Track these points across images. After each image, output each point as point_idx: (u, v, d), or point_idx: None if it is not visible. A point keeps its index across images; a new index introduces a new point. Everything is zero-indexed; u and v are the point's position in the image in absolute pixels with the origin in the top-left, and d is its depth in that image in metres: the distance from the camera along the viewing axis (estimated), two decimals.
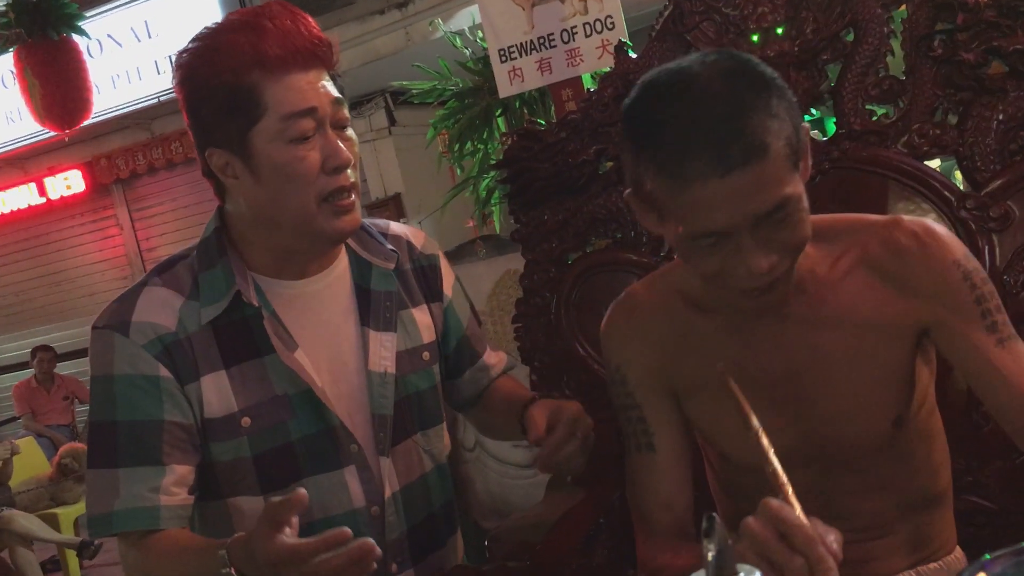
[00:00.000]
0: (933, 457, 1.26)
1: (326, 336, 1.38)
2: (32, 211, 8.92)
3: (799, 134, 1.05)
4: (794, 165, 1.04)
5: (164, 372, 1.28)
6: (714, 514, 0.62)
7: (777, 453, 1.19)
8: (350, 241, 1.42)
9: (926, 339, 1.19)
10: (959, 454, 1.33)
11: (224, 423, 1.30)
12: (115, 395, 1.27)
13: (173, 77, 1.29)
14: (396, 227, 1.52)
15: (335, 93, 1.28)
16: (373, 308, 1.40)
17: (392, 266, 1.43)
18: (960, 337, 1.16)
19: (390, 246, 1.44)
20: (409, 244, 1.50)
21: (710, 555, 0.62)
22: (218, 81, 1.24)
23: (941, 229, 1.19)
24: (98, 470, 1.27)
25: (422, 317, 1.47)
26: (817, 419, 1.18)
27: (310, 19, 1.29)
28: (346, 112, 1.30)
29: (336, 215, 1.29)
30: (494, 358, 1.58)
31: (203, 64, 1.26)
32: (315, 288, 1.38)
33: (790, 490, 0.94)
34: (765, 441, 0.99)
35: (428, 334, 1.47)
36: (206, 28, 1.28)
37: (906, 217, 1.20)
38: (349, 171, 1.29)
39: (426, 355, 1.46)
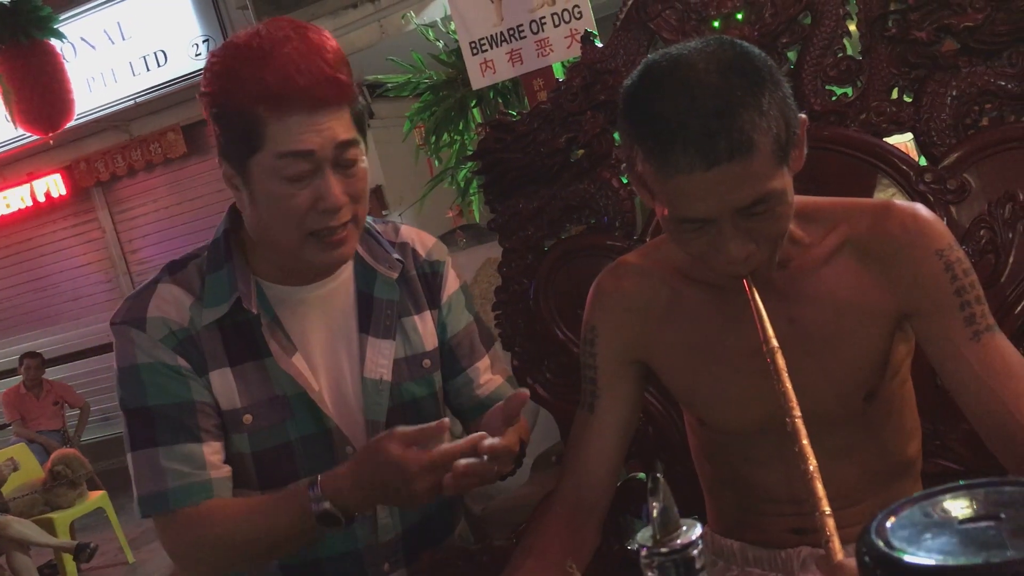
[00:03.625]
0: (904, 426, 1.30)
1: (325, 341, 1.40)
2: (13, 217, 8.89)
3: (790, 129, 1.06)
4: (780, 160, 1.06)
5: (183, 362, 1.32)
6: (659, 475, 0.66)
7: (752, 419, 1.25)
8: (358, 246, 1.42)
9: (906, 322, 1.22)
10: (926, 418, 1.36)
11: (227, 418, 1.34)
12: (143, 382, 1.31)
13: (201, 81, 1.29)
14: (405, 232, 1.53)
15: (344, 135, 1.25)
16: (374, 315, 1.42)
17: (396, 275, 1.44)
18: (936, 329, 1.18)
19: (396, 255, 1.46)
20: (414, 251, 1.51)
21: (655, 512, 0.66)
22: (227, 107, 1.25)
23: (929, 216, 1.20)
24: (140, 451, 1.31)
25: (424, 324, 1.47)
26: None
27: (329, 50, 1.24)
28: (356, 150, 1.28)
29: (323, 249, 1.30)
30: (484, 377, 1.52)
31: (217, 85, 1.25)
32: (318, 293, 1.40)
33: (798, 413, 1.01)
34: (781, 361, 1.05)
35: (431, 341, 1.48)
36: (232, 38, 1.27)
37: (897, 202, 1.22)
38: (348, 207, 1.28)
39: (426, 363, 1.46)
